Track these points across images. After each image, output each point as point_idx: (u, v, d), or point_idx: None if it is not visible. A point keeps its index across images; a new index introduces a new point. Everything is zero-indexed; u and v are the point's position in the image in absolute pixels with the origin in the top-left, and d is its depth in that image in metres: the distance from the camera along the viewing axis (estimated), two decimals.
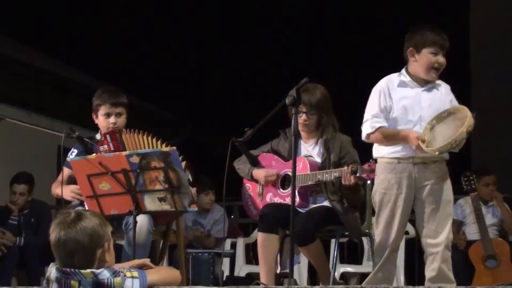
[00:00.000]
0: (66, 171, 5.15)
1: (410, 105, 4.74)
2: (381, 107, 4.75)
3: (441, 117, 4.64)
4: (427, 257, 4.73)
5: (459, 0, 12.64)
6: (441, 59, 4.75)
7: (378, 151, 4.83)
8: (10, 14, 11.72)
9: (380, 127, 4.73)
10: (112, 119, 5.15)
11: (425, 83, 4.80)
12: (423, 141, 4.56)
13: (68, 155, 5.19)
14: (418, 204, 4.74)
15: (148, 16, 14.69)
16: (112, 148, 5.01)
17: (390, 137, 4.73)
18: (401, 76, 4.81)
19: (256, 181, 5.48)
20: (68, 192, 5.08)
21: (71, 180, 5.10)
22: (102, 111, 5.18)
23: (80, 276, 3.44)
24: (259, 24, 14.98)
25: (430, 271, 4.69)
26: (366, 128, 4.77)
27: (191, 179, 4.91)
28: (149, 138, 5.03)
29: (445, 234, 4.70)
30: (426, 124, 4.66)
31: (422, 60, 4.74)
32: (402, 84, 4.79)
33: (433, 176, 4.72)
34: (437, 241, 4.68)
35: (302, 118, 5.27)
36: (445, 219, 4.74)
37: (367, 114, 4.79)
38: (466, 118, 4.51)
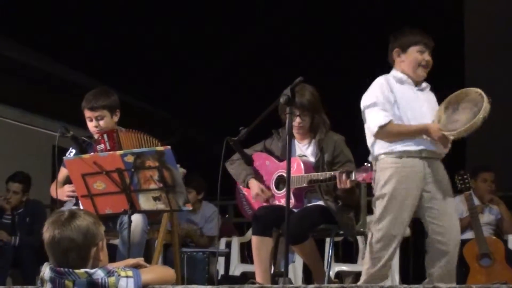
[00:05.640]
0: (63, 171, 5.16)
1: (411, 101, 4.72)
2: (388, 100, 4.67)
3: (451, 102, 4.64)
4: (435, 253, 4.68)
5: (454, 1, 12.66)
6: (427, 57, 4.76)
7: (384, 146, 4.72)
8: (5, 12, 11.69)
9: (391, 120, 4.64)
10: (93, 123, 5.23)
11: (416, 84, 4.81)
12: (443, 131, 4.56)
13: (66, 155, 5.21)
14: (426, 201, 4.70)
15: (144, 15, 14.68)
16: (108, 148, 5.05)
17: (405, 131, 4.66)
18: (398, 75, 4.78)
19: None
20: (62, 194, 5.10)
21: (69, 180, 5.12)
22: (85, 115, 5.26)
23: (74, 276, 3.43)
24: (254, 23, 14.98)
25: (438, 268, 4.68)
26: (378, 120, 4.64)
27: None
28: (145, 137, 5.07)
29: (457, 231, 4.72)
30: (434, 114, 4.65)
31: (409, 58, 4.75)
32: (399, 81, 4.77)
33: (440, 173, 4.72)
34: (448, 239, 4.67)
35: (296, 121, 5.26)
36: (455, 215, 4.76)
37: (374, 109, 4.67)
38: (482, 104, 4.51)
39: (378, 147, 4.77)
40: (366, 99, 4.75)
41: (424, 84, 4.86)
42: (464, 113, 4.60)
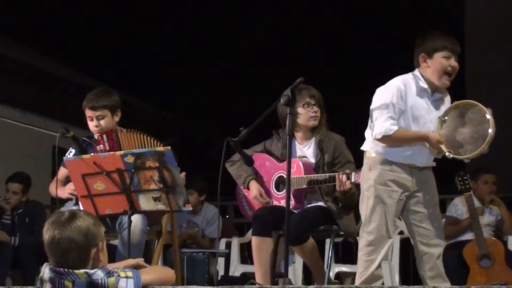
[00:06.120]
0: (63, 171, 5.16)
1: (420, 116, 4.67)
2: (397, 108, 4.60)
3: (459, 105, 4.62)
4: (422, 256, 4.71)
5: (454, 1, 12.67)
6: (453, 63, 4.67)
7: (380, 146, 4.69)
8: (5, 12, 11.70)
9: (397, 130, 4.59)
10: (94, 122, 5.23)
11: (433, 92, 4.73)
12: (441, 143, 4.56)
13: (66, 155, 5.21)
14: (413, 205, 4.71)
15: (144, 15, 14.68)
16: (107, 148, 5.04)
17: (406, 139, 4.63)
18: (420, 82, 4.69)
19: None
20: (64, 192, 5.10)
21: (69, 179, 5.11)
22: (86, 114, 5.26)
23: (74, 276, 3.42)
24: (255, 23, 14.99)
25: (428, 270, 4.69)
26: (384, 130, 4.59)
27: None
28: (146, 137, 5.06)
29: (443, 234, 4.79)
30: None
31: (434, 65, 4.65)
32: (420, 92, 4.68)
33: (427, 179, 4.74)
34: (436, 242, 4.70)
35: (312, 110, 5.27)
36: (440, 219, 4.82)
37: (384, 114, 4.61)
38: (486, 119, 4.53)
39: (374, 143, 4.72)
40: (379, 99, 4.67)
41: (441, 92, 4.76)
42: (469, 127, 4.59)
